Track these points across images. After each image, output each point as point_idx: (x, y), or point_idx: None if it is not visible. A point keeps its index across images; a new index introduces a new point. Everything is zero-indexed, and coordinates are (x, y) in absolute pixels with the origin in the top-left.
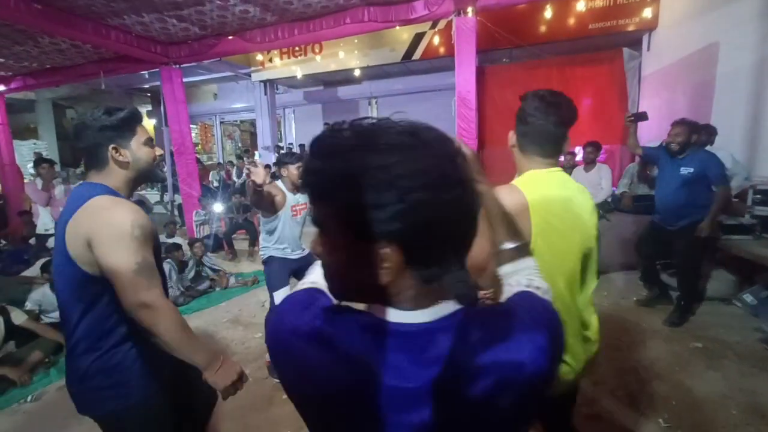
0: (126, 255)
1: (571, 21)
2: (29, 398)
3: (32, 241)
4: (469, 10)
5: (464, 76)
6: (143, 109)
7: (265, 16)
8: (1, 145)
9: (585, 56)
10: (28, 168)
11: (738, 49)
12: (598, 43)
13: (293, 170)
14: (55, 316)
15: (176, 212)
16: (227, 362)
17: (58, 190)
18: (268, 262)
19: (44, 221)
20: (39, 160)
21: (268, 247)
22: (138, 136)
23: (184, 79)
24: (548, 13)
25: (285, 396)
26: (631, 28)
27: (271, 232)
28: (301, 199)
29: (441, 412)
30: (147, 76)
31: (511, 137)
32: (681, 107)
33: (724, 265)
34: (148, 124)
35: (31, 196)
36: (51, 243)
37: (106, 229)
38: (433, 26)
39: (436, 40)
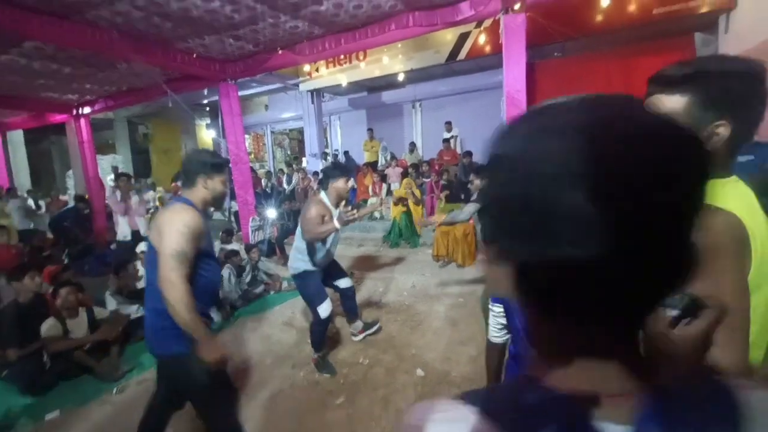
0: (171, 241)
1: (632, 7)
2: (114, 391)
3: (113, 246)
4: (517, 6)
5: (513, 74)
6: (202, 122)
7: (313, 29)
8: (87, 160)
9: (648, 45)
10: (108, 180)
11: None
12: (663, 29)
13: (341, 184)
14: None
15: (232, 219)
16: (217, 343)
17: (134, 200)
18: (302, 276)
19: (123, 231)
20: (119, 175)
21: (303, 260)
22: (221, 175)
23: (239, 93)
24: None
25: (338, 401)
26: (704, 10)
27: (318, 248)
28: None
29: None
30: (206, 92)
31: (722, 129)
32: None
33: None
34: (207, 135)
35: (112, 206)
36: (139, 247)
37: (168, 223)
38: (478, 25)
39: (482, 39)
